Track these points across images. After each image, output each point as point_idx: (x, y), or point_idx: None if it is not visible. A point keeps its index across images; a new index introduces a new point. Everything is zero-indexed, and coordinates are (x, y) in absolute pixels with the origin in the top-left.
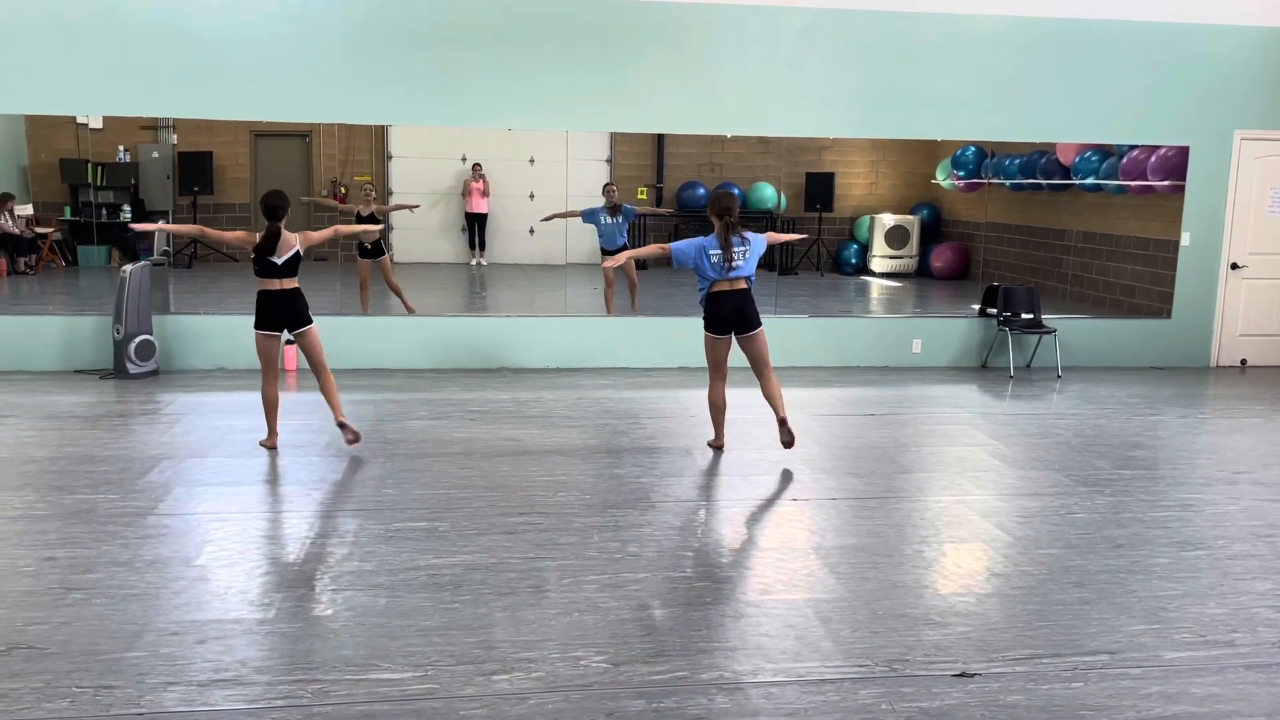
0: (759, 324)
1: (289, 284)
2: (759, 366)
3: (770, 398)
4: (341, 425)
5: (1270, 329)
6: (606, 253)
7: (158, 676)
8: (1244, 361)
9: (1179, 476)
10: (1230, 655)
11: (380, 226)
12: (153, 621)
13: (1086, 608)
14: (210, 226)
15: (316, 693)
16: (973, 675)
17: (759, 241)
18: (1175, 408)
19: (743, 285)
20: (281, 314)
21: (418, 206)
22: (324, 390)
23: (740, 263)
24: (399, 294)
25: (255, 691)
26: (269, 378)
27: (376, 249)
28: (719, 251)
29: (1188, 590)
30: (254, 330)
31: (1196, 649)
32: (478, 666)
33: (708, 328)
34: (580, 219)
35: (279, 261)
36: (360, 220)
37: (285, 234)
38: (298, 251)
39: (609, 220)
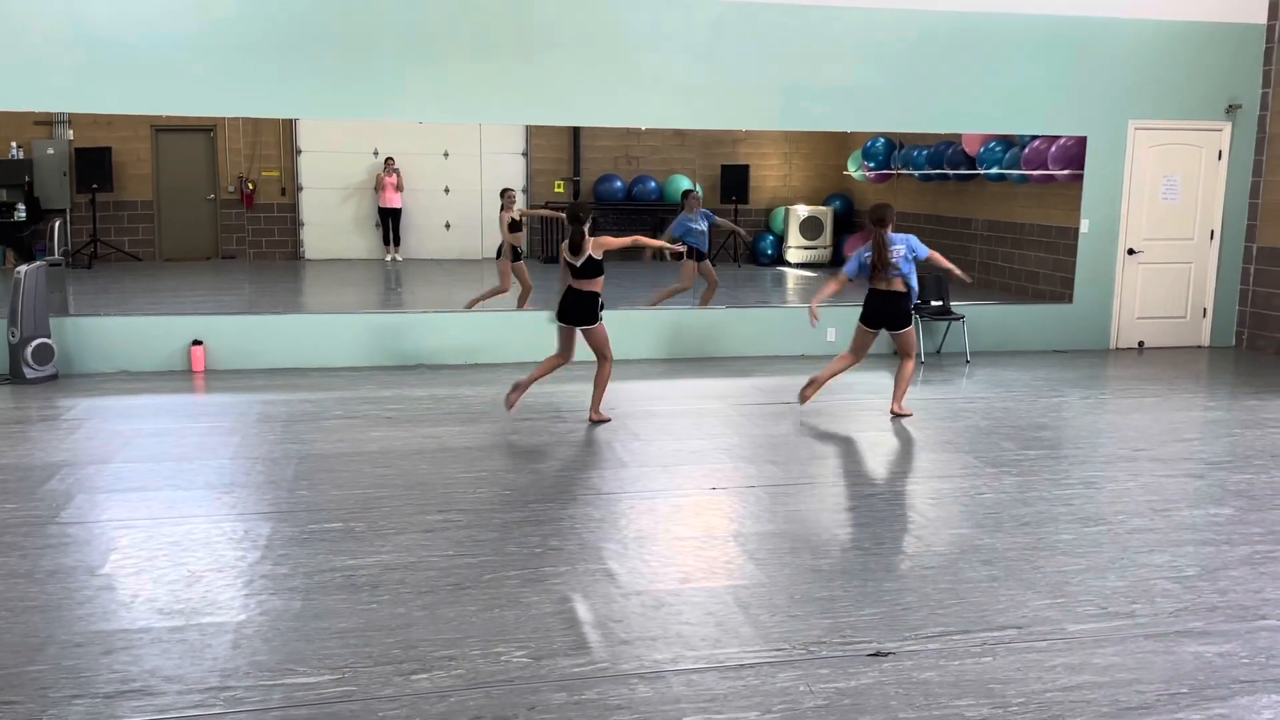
0: (901, 325)
1: (584, 285)
2: (900, 353)
3: (898, 379)
4: (592, 421)
5: (1165, 312)
6: (696, 254)
7: (61, 690)
8: (1141, 343)
9: (1081, 455)
10: (1130, 626)
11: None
12: (55, 634)
13: (995, 585)
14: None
15: (229, 700)
16: (887, 654)
17: (917, 247)
18: (1077, 389)
19: (899, 287)
20: (567, 308)
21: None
22: (596, 378)
23: (896, 262)
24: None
25: (165, 701)
26: (556, 358)
27: (516, 253)
28: (870, 254)
29: (1090, 565)
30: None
31: (1099, 621)
32: (396, 666)
33: (860, 318)
34: (674, 236)
35: (577, 264)
36: (511, 228)
37: (586, 238)
38: (591, 255)
39: (702, 226)
